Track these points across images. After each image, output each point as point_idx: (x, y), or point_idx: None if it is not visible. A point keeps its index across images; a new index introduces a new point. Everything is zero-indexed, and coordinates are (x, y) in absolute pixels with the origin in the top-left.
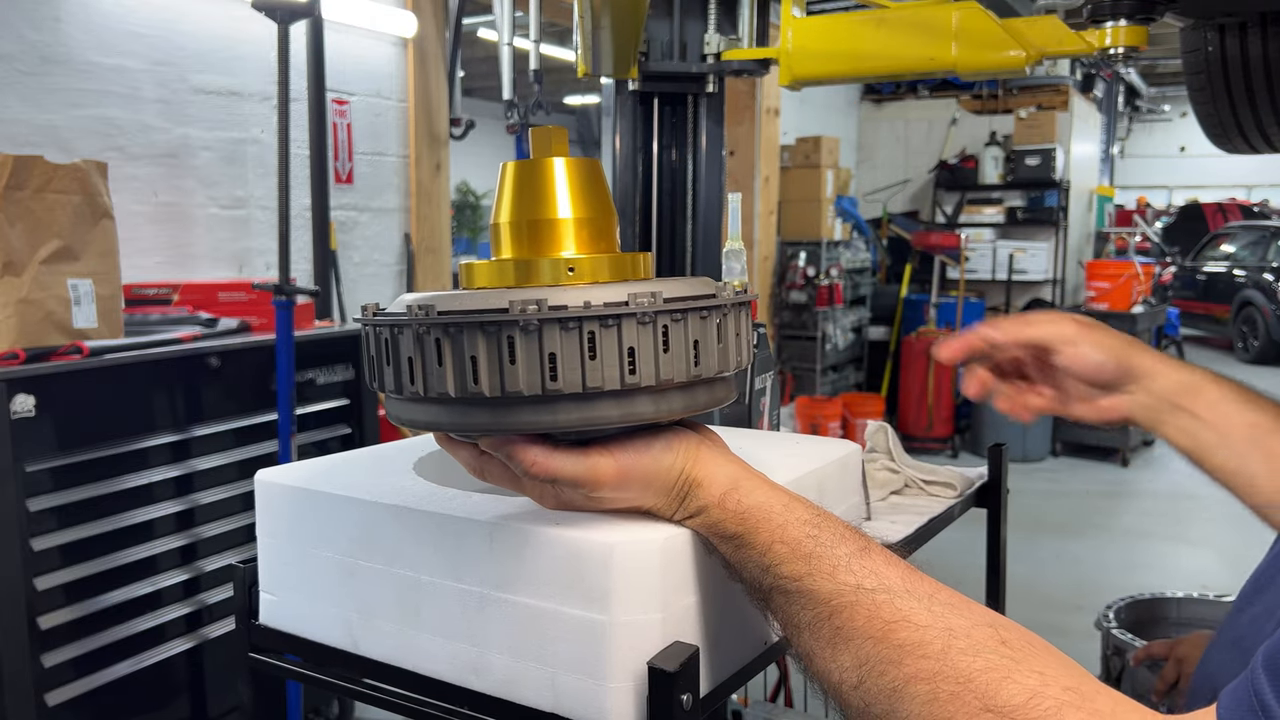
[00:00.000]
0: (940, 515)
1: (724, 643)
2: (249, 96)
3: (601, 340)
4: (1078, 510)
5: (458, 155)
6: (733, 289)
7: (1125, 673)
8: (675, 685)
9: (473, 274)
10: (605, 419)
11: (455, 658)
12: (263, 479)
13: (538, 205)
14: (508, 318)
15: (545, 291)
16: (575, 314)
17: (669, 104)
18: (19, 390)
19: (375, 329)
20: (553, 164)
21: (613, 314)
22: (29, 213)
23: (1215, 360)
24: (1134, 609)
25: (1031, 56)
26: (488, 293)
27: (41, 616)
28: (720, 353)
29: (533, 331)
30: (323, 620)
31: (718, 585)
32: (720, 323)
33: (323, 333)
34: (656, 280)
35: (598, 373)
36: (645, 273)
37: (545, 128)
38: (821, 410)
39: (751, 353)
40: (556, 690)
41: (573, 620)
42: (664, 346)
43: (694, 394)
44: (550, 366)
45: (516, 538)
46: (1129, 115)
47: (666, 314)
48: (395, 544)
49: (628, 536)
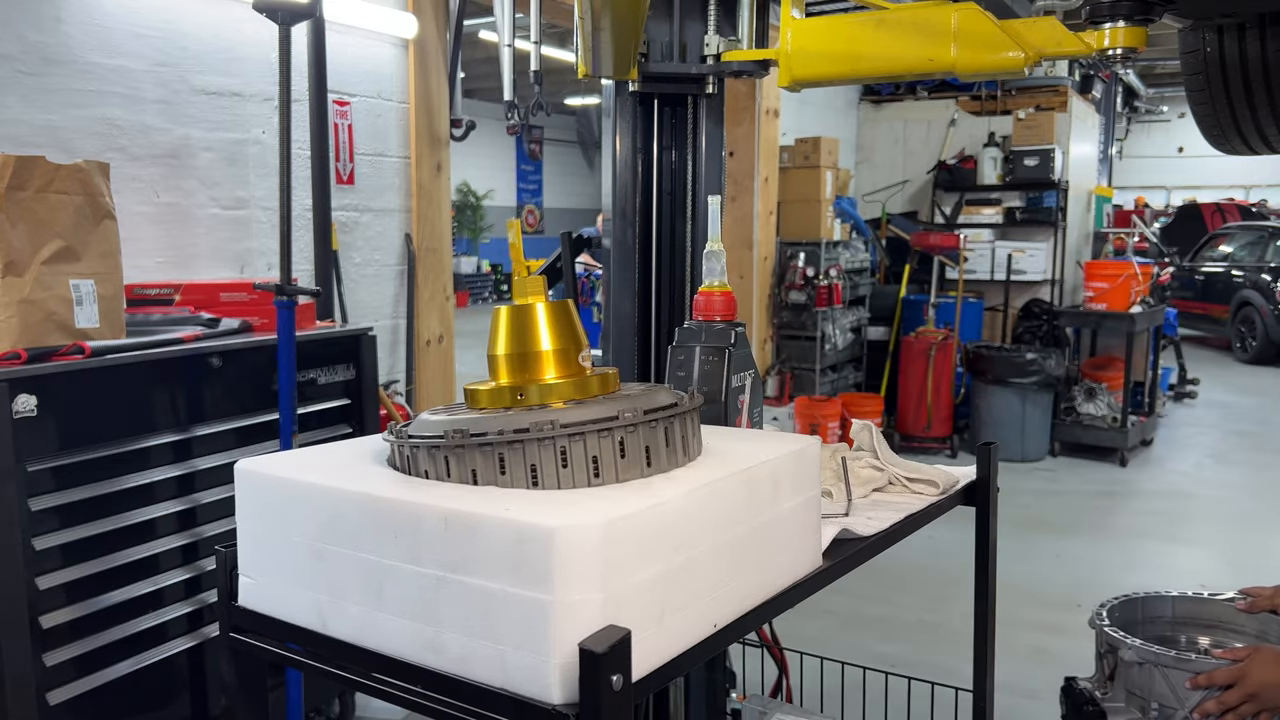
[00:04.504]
0: (920, 512)
1: (671, 626)
2: (250, 97)
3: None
4: (1076, 510)
5: (458, 156)
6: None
7: (1119, 670)
8: (603, 666)
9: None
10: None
11: (415, 637)
12: (242, 468)
13: (526, 340)
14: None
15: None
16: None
17: (669, 105)
18: (21, 390)
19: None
20: (535, 308)
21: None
22: (31, 213)
23: (1214, 360)
24: (1128, 607)
25: (1030, 58)
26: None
27: (43, 615)
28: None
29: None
30: (296, 602)
31: (666, 569)
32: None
33: (324, 333)
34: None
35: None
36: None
37: (523, 279)
38: (821, 410)
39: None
40: (506, 667)
41: (519, 600)
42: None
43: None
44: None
45: (468, 522)
46: (1127, 116)
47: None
48: (359, 530)
49: (570, 521)
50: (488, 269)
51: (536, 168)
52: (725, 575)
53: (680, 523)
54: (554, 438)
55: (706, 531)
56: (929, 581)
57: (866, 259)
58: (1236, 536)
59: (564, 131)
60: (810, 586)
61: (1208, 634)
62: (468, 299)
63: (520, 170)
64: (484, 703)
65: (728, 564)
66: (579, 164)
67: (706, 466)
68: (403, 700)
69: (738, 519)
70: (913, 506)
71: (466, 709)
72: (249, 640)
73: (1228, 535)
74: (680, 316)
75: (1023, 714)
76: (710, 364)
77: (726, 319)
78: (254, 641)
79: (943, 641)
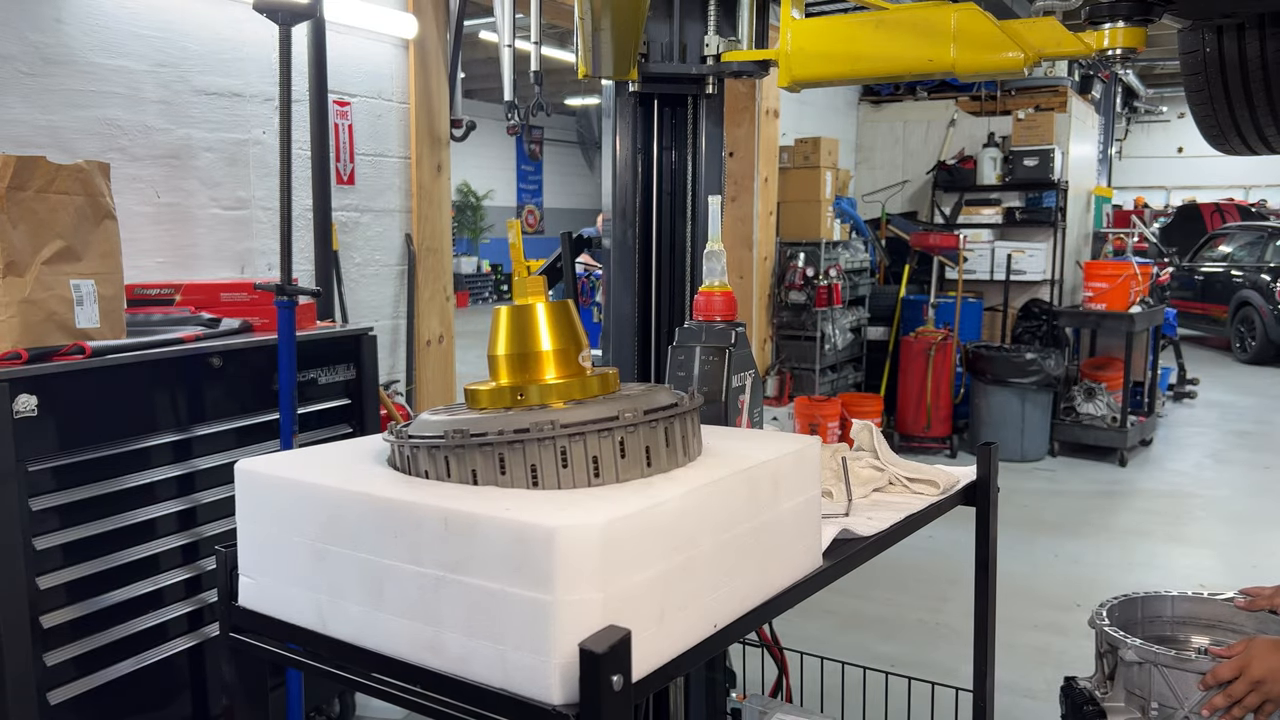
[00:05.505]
0: (920, 512)
1: (671, 626)
2: (251, 98)
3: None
4: (1075, 509)
5: (458, 156)
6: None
7: (1119, 670)
8: (603, 667)
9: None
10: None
11: (414, 637)
12: (242, 468)
13: (526, 340)
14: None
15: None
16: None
17: (669, 105)
18: (21, 390)
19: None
20: (535, 308)
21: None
22: (31, 213)
23: (1213, 360)
24: (1128, 607)
25: (1030, 58)
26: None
27: (44, 615)
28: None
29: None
30: (295, 602)
31: (666, 569)
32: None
33: (324, 333)
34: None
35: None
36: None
37: (523, 280)
38: (820, 410)
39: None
40: (506, 668)
41: (520, 600)
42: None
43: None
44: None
45: (468, 522)
46: (1127, 116)
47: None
48: (359, 530)
49: (570, 521)
50: (488, 269)
51: (536, 168)
52: (725, 575)
53: (680, 523)
54: (554, 438)
55: (706, 531)
56: (929, 581)
57: (866, 259)
58: (1236, 536)
59: (564, 131)
60: (810, 586)
61: (1207, 634)
62: (468, 299)
63: (520, 170)
64: (484, 703)
65: (728, 564)
66: (579, 164)
67: (706, 466)
68: (403, 700)
69: (738, 519)
70: (913, 506)
71: (466, 709)
72: (249, 640)
73: (1227, 535)
74: (680, 316)
75: (1023, 714)
76: (710, 364)
77: (726, 319)
78: (254, 641)
79: (943, 641)
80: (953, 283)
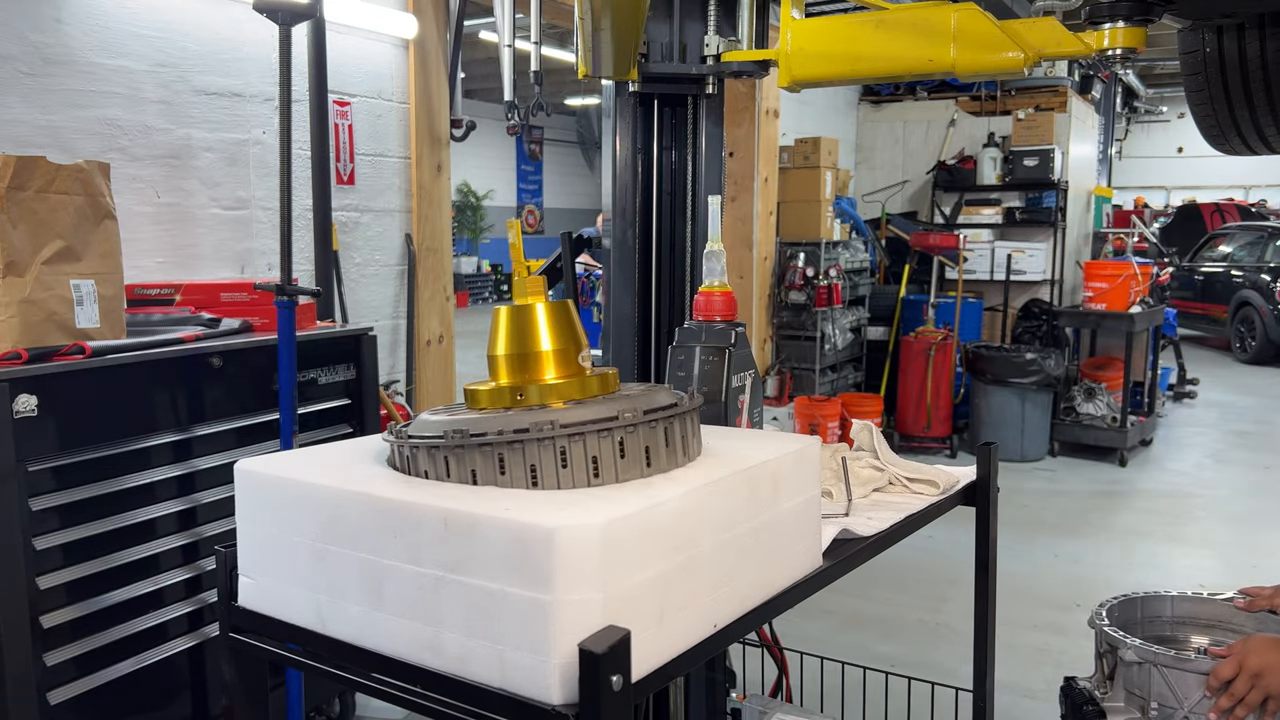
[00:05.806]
0: (920, 512)
1: (671, 626)
2: (251, 98)
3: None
4: (1075, 510)
5: (458, 156)
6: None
7: (1118, 670)
8: (603, 667)
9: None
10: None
11: (414, 637)
12: (242, 468)
13: (526, 340)
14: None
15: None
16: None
17: (669, 105)
18: (21, 390)
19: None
20: (535, 308)
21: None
22: (31, 213)
23: (1213, 360)
24: (1127, 607)
25: (1030, 58)
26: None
27: (44, 615)
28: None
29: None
30: (295, 602)
31: (666, 569)
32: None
33: (324, 333)
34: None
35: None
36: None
37: (523, 280)
38: (820, 410)
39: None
40: (505, 668)
41: (519, 600)
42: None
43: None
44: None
45: (468, 522)
46: (1127, 116)
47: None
48: (359, 530)
49: (570, 521)
50: (488, 269)
51: (536, 168)
52: (725, 575)
53: (680, 523)
54: (554, 438)
55: (706, 531)
56: (929, 581)
57: (866, 259)
58: (1236, 536)
59: (564, 131)
60: (810, 586)
61: (1207, 634)
62: (468, 299)
63: (520, 170)
64: (483, 703)
65: (728, 564)
66: (579, 164)
67: (706, 466)
68: (402, 700)
69: (738, 519)
70: (913, 506)
71: (466, 709)
72: (249, 640)
73: (1227, 535)
74: (680, 316)
75: (1023, 714)
76: (710, 364)
77: (726, 319)
78: (254, 641)
79: (943, 641)
80: (953, 283)
